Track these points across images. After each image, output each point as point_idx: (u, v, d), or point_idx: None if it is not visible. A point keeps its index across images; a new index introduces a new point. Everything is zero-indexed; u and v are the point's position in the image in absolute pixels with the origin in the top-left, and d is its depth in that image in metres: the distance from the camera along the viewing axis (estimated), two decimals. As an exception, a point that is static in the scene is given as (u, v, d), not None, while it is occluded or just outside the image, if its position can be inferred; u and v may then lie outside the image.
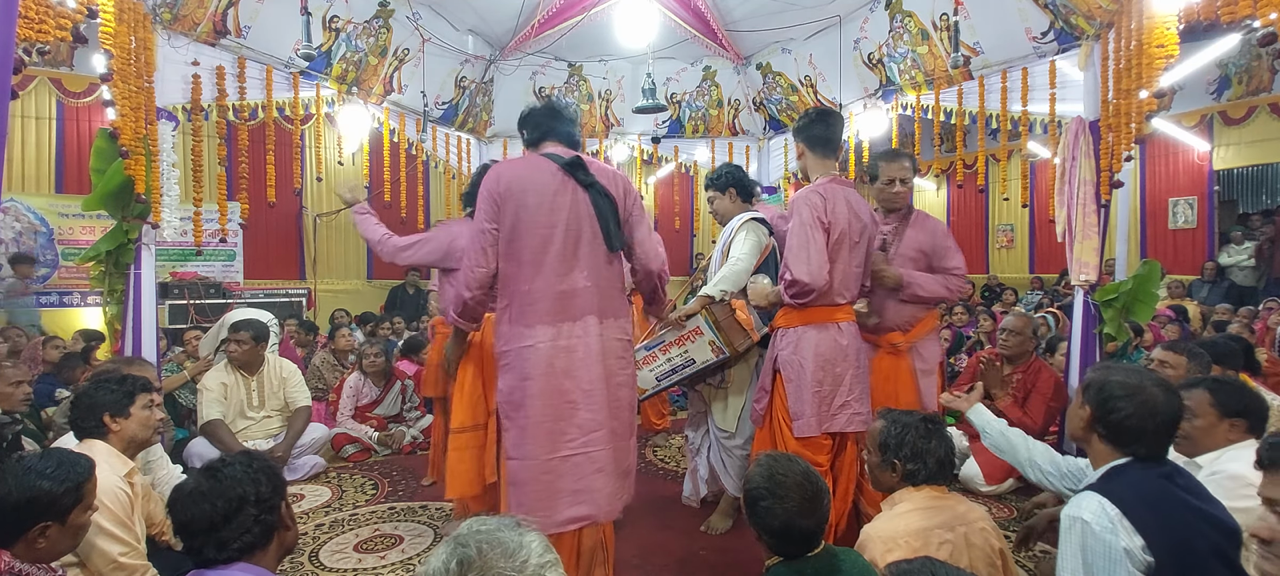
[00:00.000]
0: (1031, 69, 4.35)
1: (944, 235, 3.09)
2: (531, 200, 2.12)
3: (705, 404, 3.25)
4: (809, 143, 2.69)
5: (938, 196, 12.30)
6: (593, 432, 2.12)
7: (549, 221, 2.12)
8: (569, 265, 2.14)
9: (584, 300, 2.15)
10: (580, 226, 2.15)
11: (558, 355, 2.11)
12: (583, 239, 2.16)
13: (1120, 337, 3.86)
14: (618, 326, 2.25)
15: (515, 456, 2.14)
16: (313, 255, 9.25)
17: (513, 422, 2.15)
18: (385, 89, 5.46)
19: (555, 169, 2.15)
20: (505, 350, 2.17)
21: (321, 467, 4.21)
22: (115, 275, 3.54)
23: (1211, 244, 8.42)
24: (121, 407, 2.17)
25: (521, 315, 2.14)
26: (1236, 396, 2.04)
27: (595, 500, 2.09)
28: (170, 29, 3.73)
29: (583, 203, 2.16)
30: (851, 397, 2.58)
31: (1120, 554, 1.47)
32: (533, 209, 2.12)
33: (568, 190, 2.15)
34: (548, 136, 2.27)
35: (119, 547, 1.95)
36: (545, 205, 2.12)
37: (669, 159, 7.26)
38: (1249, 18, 2.64)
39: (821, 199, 2.54)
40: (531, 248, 2.12)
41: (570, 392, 2.11)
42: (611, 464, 2.14)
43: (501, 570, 0.95)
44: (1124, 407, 1.59)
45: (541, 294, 2.12)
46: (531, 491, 2.09)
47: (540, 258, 2.12)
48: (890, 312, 2.98)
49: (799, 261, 2.49)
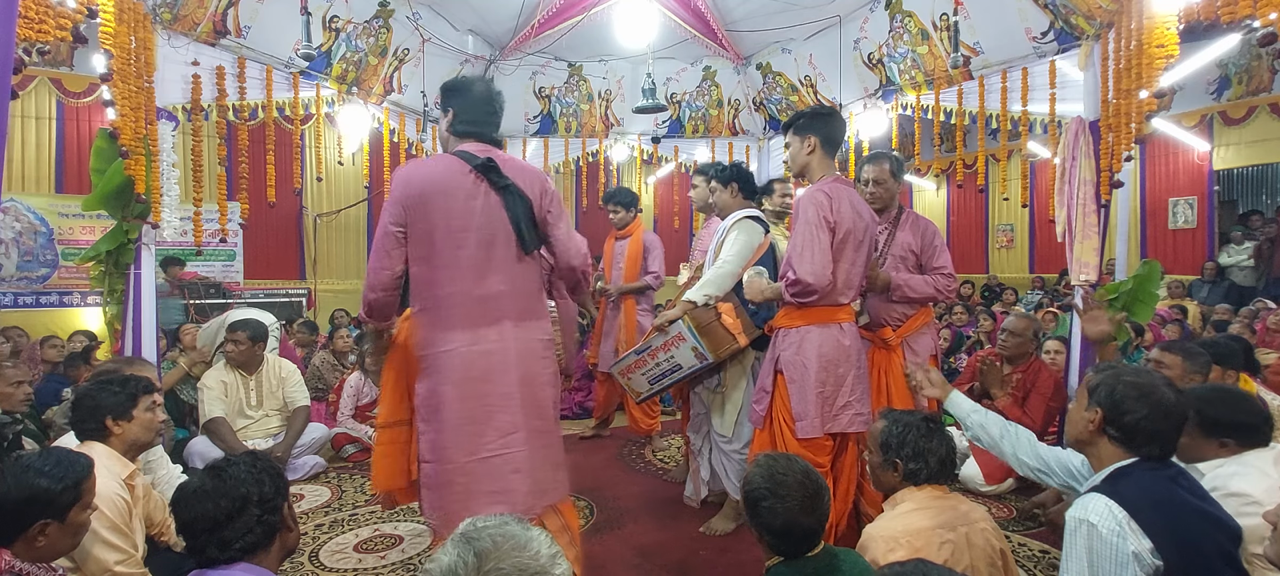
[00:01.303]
0: (1031, 69, 4.35)
1: (934, 235, 3.10)
2: (442, 204, 2.09)
3: (705, 406, 3.25)
4: (824, 140, 2.66)
5: (938, 196, 12.30)
6: (510, 435, 2.13)
7: (462, 225, 2.10)
8: (484, 269, 2.12)
9: (500, 304, 2.14)
10: (494, 230, 2.13)
11: (475, 360, 2.11)
12: (497, 242, 2.14)
13: (1120, 337, 3.86)
14: (536, 327, 2.24)
15: (430, 460, 2.14)
16: (313, 255, 9.25)
17: (429, 426, 2.14)
18: (385, 89, 5.46)
19: (468, 170, 2.12)
20: (422, 354, 2.16)
21: (321, 467, 4.21)
22: (115, 275, 3.54)
23: (1211, 244, 8.42)
24: (124, 410, 2.16)
25: (437, 320, 2.13)
26: (1221, 412, 1.91)
27: (512, 499, 2.10)
28: (170, 29, 3.73)
29: (495, 205, 2.13)
30: (853, 398, 2.58)
31: (1128, 557, 1.44)
32: (445, 212, 2.09)
33: (480, 193, 2.12)
34: (474, 134, 2.23)
35: (116, 555, 1.94)
36: (457, 209, 2.10)
37: (669, 159, 7.27)
38: (1249, 18, 2.64)
39: (827, 198, 2.53)
40: (444, 252, 2.10)
41: (488, 396, 2.12)
42: (528, 463, 2.15)
43: (518, 560, 0.97)
44: (1138, 409, 1.57)
45: (457, 299, 2.11)
46: (448, 494, 2.10)
47: (453, 262, 2.11)
48: (881, 309, 3.00)
49: (803, 261, 2.47)
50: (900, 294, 2.95)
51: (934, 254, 3.05)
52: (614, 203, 4.69)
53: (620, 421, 4.92)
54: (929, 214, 11.99)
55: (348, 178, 9.23)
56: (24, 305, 6.71)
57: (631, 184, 9.70)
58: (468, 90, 2.29)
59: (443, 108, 2.33)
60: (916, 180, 12.31)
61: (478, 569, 0.95)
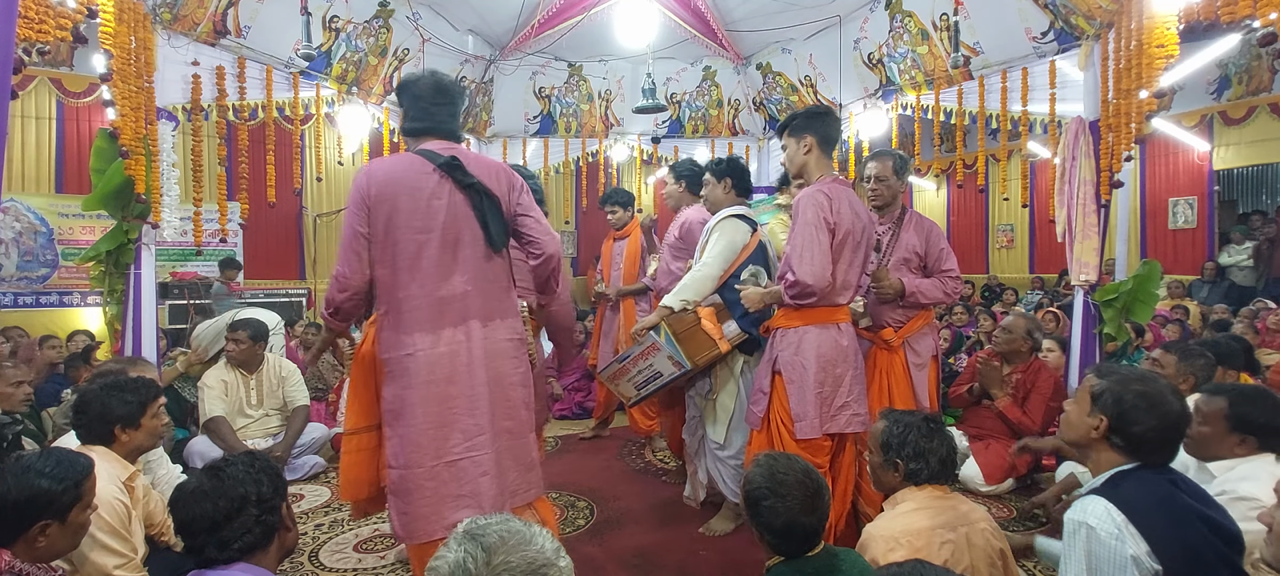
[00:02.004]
0: (1031, 69, 4.35)
1: (939, 237, 3.08)
2: (405, 204, 2.04)
3: (698, 411, 3.22)
4: (821, 140, 2.64)
5: (938, 196, 12.29)
6: (476, 437, 2.10)
7: (424, 225, 2.05)
8: (447, 270, 2.08)
9: (465, 304, 2.10)
10: (459, 229, 2.09)
11: (438, 362, 2.07)
12: (462, 242, 2.10)
13: (1120, 337, 3.86)
14: (505, 326, 2.20)
15: (397, 465, 2.10)
16: (313, 255, 9.25)
17: (394, 431, 2.10)
18: (385, 89, 5.46)
19: (431, 169, 2.07)
20: (386, 358, 2.11)
21: (321, 467, 4.20)
22: (115, 275, 3.54)
23: (1211, 244, 8.42)
24: (133, 419, 2.13)
25: (399, 322, 2.08)
26: (1254, 411, 1.94)
27: (480, 502, 2.07)
28: (170, 29, 3.73)
29: (460, 204, 2.08)
30: (851, 398, 2.58)
31: (1127, 560, 1.44)
32: (407, 212, 2.04)
33: (444, 192, 2.07)
34: (430, 131, 2.17)
35: (115, 559, 1.94)
36: (420, 209, 2.04)
37: (669, 159, 7.26)
38: (1249, 18, 2.65)
39: (827, 199, 2.51)
40: (406, 253, 2.05)
41: (453, 399, 2.08)
42: (496, 465, 2.13)
43: (525, 554, 0.98)
44: (1147, 420, 1.55)
45: (418, 301, 2.06)
46: (417, 499, 2.07)
47: (415, 263, 2.06)
48: (883, 311, 2.99)
49: (803, 262, 2.45)
50: (913, 300, 2.93)
51: (941, 256, 3.03)
52: (612, 203, 4.68)
53: (621, 421, 4.91)
54: (929, 214, 11.91)
55: (348, 178, 9.17)
56: (24, 305, 6.71)
57: (631, 184, 9.70)
58: (414, 85, 2.22)
59: (402, 115, 2.27)
60: (917, 180, 12.31)
61: (487, 563, 0.96)
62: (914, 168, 11.15)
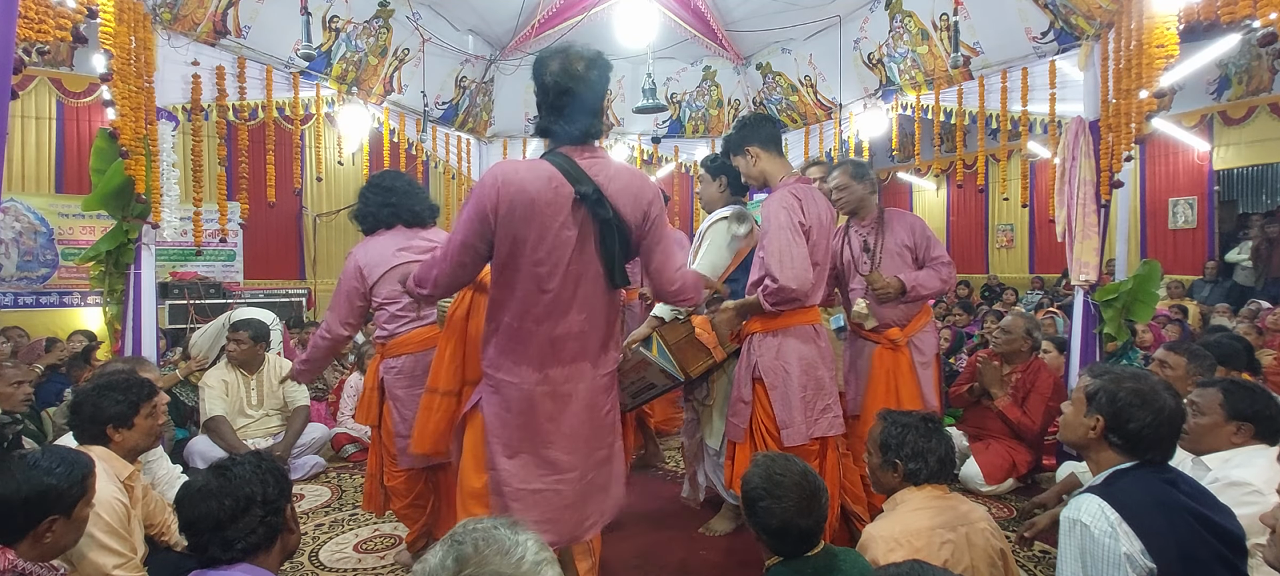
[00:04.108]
0: (1031, 69, 4.35)
1: (923, 227, 3.09)
2: (533, 233, 1.85)
3: (696, 414, 3.20)
4: (763, 143, 2.61)
5: (938, 196, 12.30)
6: (567, 473, 2.02)
7: (550, 257, 1.87)
8: (566, 306, 1.93)
9: (578, 344, 1.98)
10: (584, 266, 1.92)
11: (542, 400, 1.97)
12: (585, 277, 1.93)
13: (1120, 337, 3.86)
14: (607, 360, 2.09)
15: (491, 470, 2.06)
16: (313, 255, 9.25)
17: (496, 438, 2.03)
18: (385, 89, 5.46)
19: (569, 193, 1.85)
20: (488, 372, 2.03)
21: (321, 467, 4.21)
22: (115, 275, 3.54)
23: (1211, 244, 8.43)
24: (125, 419, 2.12)
25: (508, 348, 1.97)
26: (1248, 400, 2.01)
27: (560, 530, 2.03)
28: (170, 29, 3.73)
29: (590, 236, 1.90)
30: (831, 400, 2.56)
31: (1120, 558, 1.45)
32: (533, 243, 1.85)
33: (576, 222, 1.87)
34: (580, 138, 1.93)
35: (113, 559, 1.94)
36: (547, 240, 1.85)
37: (669, 159, 7.27)
38: (1249, 18, 2.65)
39: (798, 200, 2.49)
40: (526, 284, 1.90)
41: (550, 436, 1.99)
42: (579, 497, 2.06)
43: (498, 567, 0.96)
44: (1142, 417, 1.57)
45: (532, 335, 1.94)
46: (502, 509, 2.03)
47: (534, 297, 1.90)
48: (887, 311, 2.98)
49: (784, 267, 2.40)
50: (914, 294, 2.93)
51: (929, 245, 3.04)
52: None
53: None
54: (929, 214, 12.00)
55: (347, 178, 9.22)
56: (24, 305, 6.71)
57: (631, 184, 9.68)
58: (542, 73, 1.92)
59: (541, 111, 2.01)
60: (917, 180, 12.32)
61: (456, 574, 0.95)
62: (914, 168, 11.20)
